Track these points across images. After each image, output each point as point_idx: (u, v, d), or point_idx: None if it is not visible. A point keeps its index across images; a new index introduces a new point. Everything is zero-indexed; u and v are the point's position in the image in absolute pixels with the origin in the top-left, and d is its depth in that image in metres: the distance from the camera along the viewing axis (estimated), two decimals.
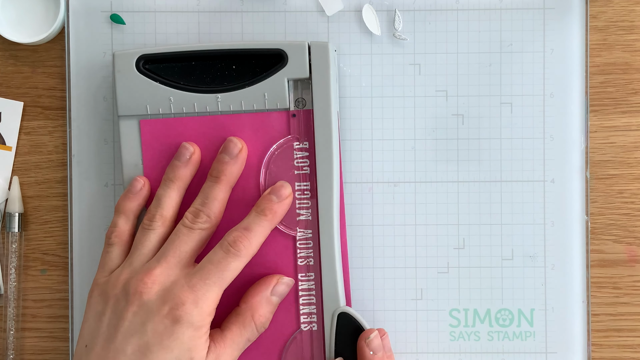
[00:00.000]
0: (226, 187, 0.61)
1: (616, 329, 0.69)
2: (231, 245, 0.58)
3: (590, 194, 0.69)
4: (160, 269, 0.57)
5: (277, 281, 0.62)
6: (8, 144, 0.68)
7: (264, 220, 0.60)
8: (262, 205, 0.60)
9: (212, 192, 0.60)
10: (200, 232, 0.59)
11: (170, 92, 0.63)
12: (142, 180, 0.62)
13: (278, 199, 0.61)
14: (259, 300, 0.61)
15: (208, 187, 0.61)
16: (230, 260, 0.57)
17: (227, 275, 0.57)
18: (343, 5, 0.68)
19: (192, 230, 0.59)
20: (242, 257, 0.58)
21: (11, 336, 0.67)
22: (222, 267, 0.57)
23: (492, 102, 0.68)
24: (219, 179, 0.61)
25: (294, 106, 0.63)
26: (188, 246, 0.59)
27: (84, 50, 0.67)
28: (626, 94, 0.69)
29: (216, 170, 0.61)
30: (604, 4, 0.69)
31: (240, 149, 0.62)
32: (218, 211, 0.60)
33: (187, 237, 0.59)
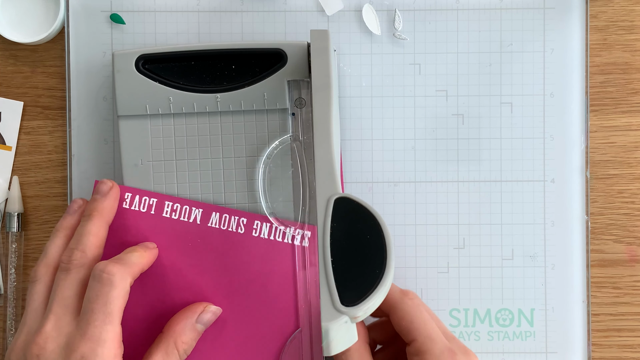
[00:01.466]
0: (100, 221, 0.59)
1: (616, 329, 0.69)
2: (103, 270, 0.55)
3: (591, 194, 0.69)
4: (49, 324, 0.54)
5: (204, 309, 0.61)
6: (8, 143, 0.68)
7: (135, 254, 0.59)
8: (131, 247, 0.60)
9: (85, 228, 0.58)
10: (78, 271, 0.56)
11: (169, 92, 0.63)
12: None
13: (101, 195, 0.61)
14: (182, 327, 0.59)
15: (81, 226, 0.59)
16: (108, 290, 0.54)
17: (111, 309, 0.54)
18: (343, 5, 0.68)
19: (69, 272, 0.56)
20: (119, 281, 0.55)
21: (11, 336, 0.67)
22: (102, 302, 0.54)
23: (492, 102, 0.68)
24: (91, 215, 0.59)
25: (293, 106, 0.63)
26: (71, 291, 0.56)
27: (84, 50, 0.67)
28: (626, 93, 0.69)
29: (88, 209, 0.60)
30: (604, 4, 0.69)
31: (110, 187, 0.61)
32: (93, 245, 0.58)
33: (66, 281, 0.56)
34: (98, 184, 0.61)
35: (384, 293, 0.54)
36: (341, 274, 0.53)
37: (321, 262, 0.53)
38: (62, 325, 0.54)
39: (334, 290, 0.53)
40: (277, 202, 0.63)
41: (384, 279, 0.53)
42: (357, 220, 0.55)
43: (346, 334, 0.53)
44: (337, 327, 0.52)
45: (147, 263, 0.60)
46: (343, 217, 0.55)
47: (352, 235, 0.54)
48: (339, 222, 0.54)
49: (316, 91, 0.57)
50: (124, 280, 0.55)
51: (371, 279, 0.53)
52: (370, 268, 0.54)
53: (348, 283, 0.53)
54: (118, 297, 0.55)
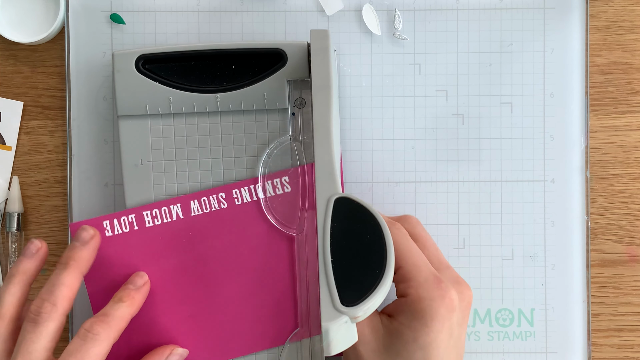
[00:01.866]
0: (75, 272, 0.57)
1: (616, 328, 0.69)
2: (88, 330, 0.54)
3: (591, 194, 0.69)
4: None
5: (171, 352, 0.60)
6: (8, 143, 0.68)
7: (122, 306, 0.57)
8: (120, 294, 0.59)
9: (59, 278, 0.56)
10: (47, 324, 0.54)
11: (169, 92, 0.63)
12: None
13: (135, 287, 0.60)
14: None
15: (54, 275, 0.56)
16: (89, 347, 0.53)
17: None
18: (343, 5, 0.68)
19: (38, 324, 0.54)
20: (102, 340, 0.54)
21: None
22: (80, 356, 0.53)
23: (492, 102, 0.68)
24: (67, 264, 0.57)
25: (293, 106, 0.63)
26: (38, 344, 0.53)
27: (84, 50, 0.67)
28: (626, 93, 0.69)
29: (65, 257, 0.58)
30: (604, 4, 0.69)
31: (92, 235, 0.59)
32: (65, 297, 0.55)
33: (33, 334, 0.53)
34: (79, 231, 0.59)
35: (384, 293, 0.54)
36: (341, 274, 0.53)
37: (321, 262, 0.53)
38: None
39: (334, 290, 0.53)
40: (276, 202, 0.63)
41: (384, 279, 0.53)
42: (357, 220, 0.55)
43: (346, 333, 0.53)
44: (337, 327, 0.52)
45: (137, 308, 0.59)
46: (343, 217, 0.55)
47: (352, 235, 0.54)
48: (339, 222, 0.54)
49: (316, 91, 0.57)
50: (108, 340, 0.55)
51: (371, 279, 0.53)
52: (370, 268, 0.54)
53: (348, 283, 0.53)
54: (98, 355, 0.54)
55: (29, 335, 0.53)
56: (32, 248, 0.58)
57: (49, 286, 0.55)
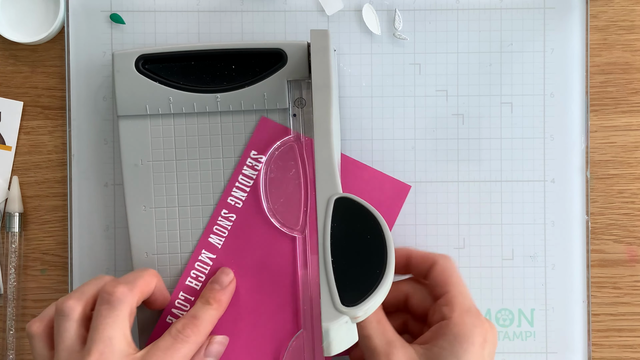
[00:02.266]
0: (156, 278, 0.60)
1: (616, 329, 0.69)
2: (180, 331, 0.56)
3: (591, 194, 0.69)
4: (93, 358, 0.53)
5: (210, 341, 0.60)
6: (8, 143, 0.68)
7: (210, 309, 0.59)
8: (207, 295, 0.60)
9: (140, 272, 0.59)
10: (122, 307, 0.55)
11: (169, 92, 0.63)
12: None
13: (221, 287, 0.61)
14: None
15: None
16: (179, 347, 0.56)
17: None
18: (343, 5, 0.68)
19: (112, 305, 0.55)
20: (191, 343, 0.56)
21: (11, 336, 0.67)
22: (170, 354, 0.55)
23: (492, 102, 0.68)
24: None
25: (293, 106, 0.63)
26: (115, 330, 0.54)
27: (84, 50, 0.67)
28: (626, 93, 0.69)
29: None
30: (604, 4, 0.69)
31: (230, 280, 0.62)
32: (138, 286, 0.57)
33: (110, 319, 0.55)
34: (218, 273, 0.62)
35: (384, 293, 0.54)
36: (341, 274, 0.53)
37: (321, 262, 0.53)
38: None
39: (334, 290, 0.53)
40: (277, 202, 0.63)
41: (384, 278, 0.53)
42: (357, 220, 0.55)
43: (347, 334, 0.53)
44: (338, 327, 0.52)
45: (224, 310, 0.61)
46: (343, 217, 0.55)
47: (352, 235, 0.54)
48: (339, 222, 0.54)
49: (316, 91, 0.57)
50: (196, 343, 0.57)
51: (371, 279, 0.53)
52: (371, 268, 0.54)
53: (348, 283, 0.53)
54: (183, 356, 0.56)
55: (104, 320, 0.54)
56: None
57: (128, 277, 0.57)
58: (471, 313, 0.57)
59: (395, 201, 0.66)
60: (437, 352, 0.57)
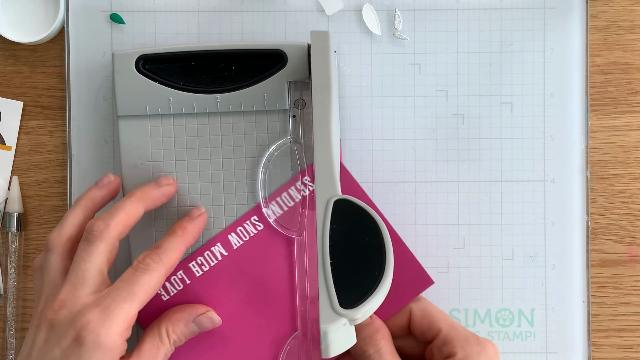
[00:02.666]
0: (137, 203, 0.59)
1: (616, 329, 0.69)
2: (140, 262, 0.56)
3: (591, 194, 0.69)
4: (65, 292, 0.54)
5: (204, 312, 0.61)
6: (8, 143, 0.68)
7: (175, 237, 0.58)
8: (174, 226, 0.60)
9: (120, 204, 0.58)
10: (98, 244, 0.56)
11: (169, 93, 0.63)
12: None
13: (190, 218, 0.61)
14: (177, 318, 0.59)
15: (120, 201, 0.59)
16: (139, 275, 0.55)
17: (137, 290, 0.54)
18: (343, 4, 0.68)
19: (90, 242, 0.56)
20: (152, 271, 0.55)
21: (11, 336, 0.67)
22: (130, 282, 0.54)
23: (492, 102, 0.68)
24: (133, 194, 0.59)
25: (293, 107, 0.63)
26: (90, 264, 0.55)
27: (84, 50, 0.67)
28: (626, 93, 0.69)
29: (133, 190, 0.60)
30: (604, 4, 0.69)
31: (170, 182, 0.62)
32: (120, 222, 0.57)
33: (86, 252, 0.55)
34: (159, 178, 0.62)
35: (383, 295, 0.54)
36: (340, 276, 0.53)
37: (320, 264, 0.53)
38: (79, 295, 0.54)
39: (333, 293, 0.53)
40: (277, 203, 0.63)
41: (383, 281, 0.53)
42: (356, 222, 0.55)
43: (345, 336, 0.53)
44: (336, 330, 0.52)
45: (192, 240, 0.60)
46: (342, 219, 0.55)
47: (351, 237, 0.54)
48: (338, 224, 0.54)
49: (316, 92, 0.57)
50: (158, 272, 0.56)
51: (370, 281, 0.53)
52: (369, 270, 0.54)
53: (347, 285, 0.53)
54: (146, 284, 0.55)
55: (82, 254, 0.55)
56: (105, 180, 0.61)
57: (110, 210, 0.57)
58: (470, 341, 0.58)
59: (411, 289, 0.63)
60: None
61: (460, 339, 0.58)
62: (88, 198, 0.60)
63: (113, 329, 0.53)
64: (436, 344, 0.59)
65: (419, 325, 0.61)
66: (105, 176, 0.61)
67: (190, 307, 0.61)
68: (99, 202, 0.61)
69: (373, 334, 0.60)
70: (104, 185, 0.61)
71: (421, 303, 0.62)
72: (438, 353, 0.59)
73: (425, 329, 0.60)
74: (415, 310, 0.61)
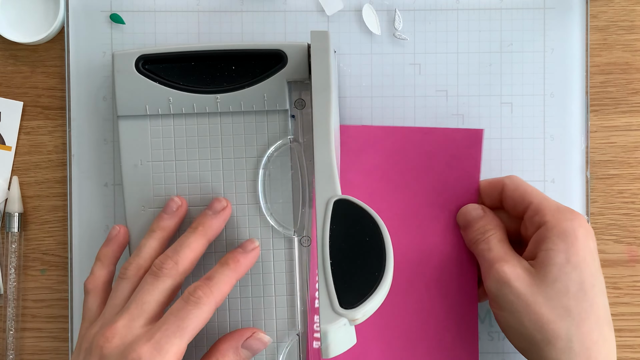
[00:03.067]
0: (202, 238, 0.59)
1: (616, 329, 0.68)
2: (191, 294, 0.55)
3: (591, 194, 0.69)
4: (122, 321, 0.55)
5: (252, 334, 0.60)
6: (8, 143, 0.68)
7: (227, 269, 0.58)
8: (226, 257, 0.59)
9: (187, 240, 0.59)
10: (165, 280, 0.57)
11: (169, 93, 0.63)
12: (118, 227, 0.62)
13: (243, 250, 0.60)
14: (226, 348, 0.59)
15: (184, 237, 0.59)
16: (190, 309, 0.55)
17: (187, 325, 0.54)
18: (343, 5, 0.68)
19: (157, 278, 0.57)
20: (203, 305, 0.55)
21: (11, 336, 0.67)
22: (181, 316, 0.54)
23: (492, 102, 0.68)
24: (197, 229, 0.60)
25: (293, 107, 0.63)
26: (152, 296, 0.56)
27: (84, 50, 0.67)
28: (626, 93, 0.69)
29: (196, 222, 0.61)
30: (604, 4, 0.69)
31: (224, 207, 0.61)
32: (188, 260, 0.58)
33: (152, 286, 0.56)
34: (213, 201, 0.62)
35: (383, 295, 0.54)
36: (340, 276, 0.53)
37: (320, 264, 0.53)
38: (133, 326, 0.55)
39: (333, 293, 0.53)
40: (276, 203, 0.63)
41: (383, 281, 0.53)
42: (356, 222, 0.55)
43: (345, 336, 0.53)
44: (336, 330, 0.52)
45: (243, 273, 0.60)
46: (342, 219, 0.55)
47: (351, 237, 0.54)
48: (338, 224, 0.54)
49: (316, 93, 0.57)
50: (209, 305, 0.56)
51: (370, 281, 0.53)
52: (369, 270, 0.54)
53: (347, 285, 0.53)
54: (195, 319, 0.55)
55: (146, 286, 0.57)
56: (173, 206, 0.62)
57: (176, 246, 0.58)
58: (562, 210, 0.60)
59: (473, 150, 0.66)
60: (544, 255, 0.59)
61: (551, 208, 0.60)
62: (162, 228, 0.61)
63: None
64: (528, 215, 0.61)
65: (511, 199, 0.63)
66: (172, 201, 0.62)
67: (236, 333, 0.60)
68: (173, 231, 0.62)
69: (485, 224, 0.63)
70: (174, 212, 0.62)
71: (513, 178, 0.63)
72: (530, 224, 0.61)
73: (518, 202, 0.62)
74: (508, 184, 0.63)
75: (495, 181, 0.64)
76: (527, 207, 0.61)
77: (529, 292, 0.58)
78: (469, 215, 0.64)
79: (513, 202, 0.62)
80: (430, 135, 0.66)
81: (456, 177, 0.65)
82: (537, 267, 0.59)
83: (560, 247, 0.58)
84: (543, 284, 0.58)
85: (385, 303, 0.54)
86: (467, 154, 0.65)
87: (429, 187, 0.65)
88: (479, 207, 0.64)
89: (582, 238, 0.58)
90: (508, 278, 0.59)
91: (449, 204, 0.65)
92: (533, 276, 0.59)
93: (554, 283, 0.58)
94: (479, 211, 0.64)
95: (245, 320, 0.63)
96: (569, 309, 0.58)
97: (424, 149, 0.66)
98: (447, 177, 0.65)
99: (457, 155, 0.65)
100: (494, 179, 0.65)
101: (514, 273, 0.59)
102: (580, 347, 0.57)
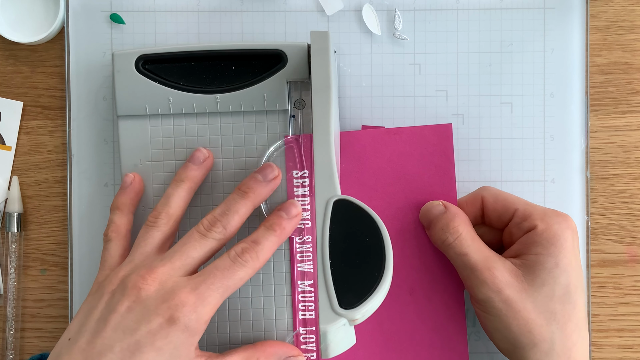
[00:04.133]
0: (250, 204, 0.59)
1: (616, 329, 0.69)
2: (239, 255, 0.55)
3: (591, 194, 0.69)
4: (164, 268, 0.55)
5: (296, 355, 0.59)
6: (8, 143, 0.68)
7: (272, 235, 0.57)
8: (271, 221, 0.58)
9: (235, 205, 0.58)
10: (212, 241, 0.57)
11: (169, 93, 0.63)
12: (132, 175, 0.62)
13: (287, 216, 0.59)
14: (272, 353, 0.59)
15: (232, 200, 0.59)
16: (237, 269, 0.55)
17: (231, 284, 0.55)
18: (343, 5, 0.68)
19: (205, 238, 0.57)
20: (248, 268, 0.55)
21: (11, 336, 0.67)
22: (227, 275, 0.54)
23: (492, 102, 0.68)
24: (247, 194, 0.59)
25: (293, 107, 0.63)
26: (197, 253, 0.56)
27: (84, 50, 0.67)
28: (626, 93, 0.69)
29: (246, 185, 0.59)
30: (604, 4, 0.69)
31: (275, 175, 0.60)
32: (235, 225, 0.58)
33: (198, 243, 0.56)
34: (265, 167, 0.60)
35: (383, 295, 0.54)
36: (339, 277, 0.53)
37: (319, 265, 0.53)
38: (174, 274, 0.55)
39: (332, 293, 0.53)
40: (276, 203, 0.63)
41: (383, 281, 0.53)
42: (355, 223, 0.55)
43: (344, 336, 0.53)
44: (335, 330, 0.52)
45: (285, 239, 0.59)
46: (342, 219, 0.55)
47: (351, 238, 0.54)
48: (337, 224, 0.54)
49: (316, 93, 0.57)
50: (253, 269, 0.56)
51: (370, 281, 0.53)
52: (369, 271, 0.54)
53: (346, 285, 0.53)
54: (240, 280, 0.55)
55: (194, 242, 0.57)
56: (200, 156, 0.62)
57: (225, 208, 0.58)
58: (549, 213, 0.60)
59: (444, 146, 0.66)
60: (533, 259, 0.59)
61: (538, 213, 0.60)
62: (190, 179, 0.61)
63: (202, 317, 0.53)
64: (515, 222, 0.61)
65: (494, 211, 0.62)
66: (200, 152, 0.62)
67: (285, 346, 0.60)
68: (199, 182, 0.62)
69: (449, 222, 0.62)
70: (202, 164, 0.62)
71: (490, 190, 0.63)
72: (518, 230, 0.61)
73: (501, 211, 0.62)
74: (487, 197, 0.63)
75: (472, 198, 0.64)
76: (512, 214, 0.61)
77: (518, 299, 0.58)
78: (430, 213, 0.63)
79: (497, 213, 0.62)
80: (400, 135, 0.66)
81: (431, 175, 0.65)
82: (524, 269, 0.59)
83: (550, 251, 0.59)
84: (531, 289, 0.58)
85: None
86: (438, 150, 0.65)
87: (405, 188, 0.65)
88: (440, 203, 0.63)
89: (570, 240, 0.59)
90: (499, 287, 0.59)
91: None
92: (521, 281, 0.59)
93: (542, 287, 0.58)
94: (440, 207, 0.63)
95: (246, 320, 0.63)
96: (555, 312, 0.58)
97: (396, 150, 0.66)
98: (422, 175, 0.65)
99: (429, 152, 0.65)
100: (470, 196, 0.64)
101: (504, 280, 0.59)
102: (562, 349, 0.58)
